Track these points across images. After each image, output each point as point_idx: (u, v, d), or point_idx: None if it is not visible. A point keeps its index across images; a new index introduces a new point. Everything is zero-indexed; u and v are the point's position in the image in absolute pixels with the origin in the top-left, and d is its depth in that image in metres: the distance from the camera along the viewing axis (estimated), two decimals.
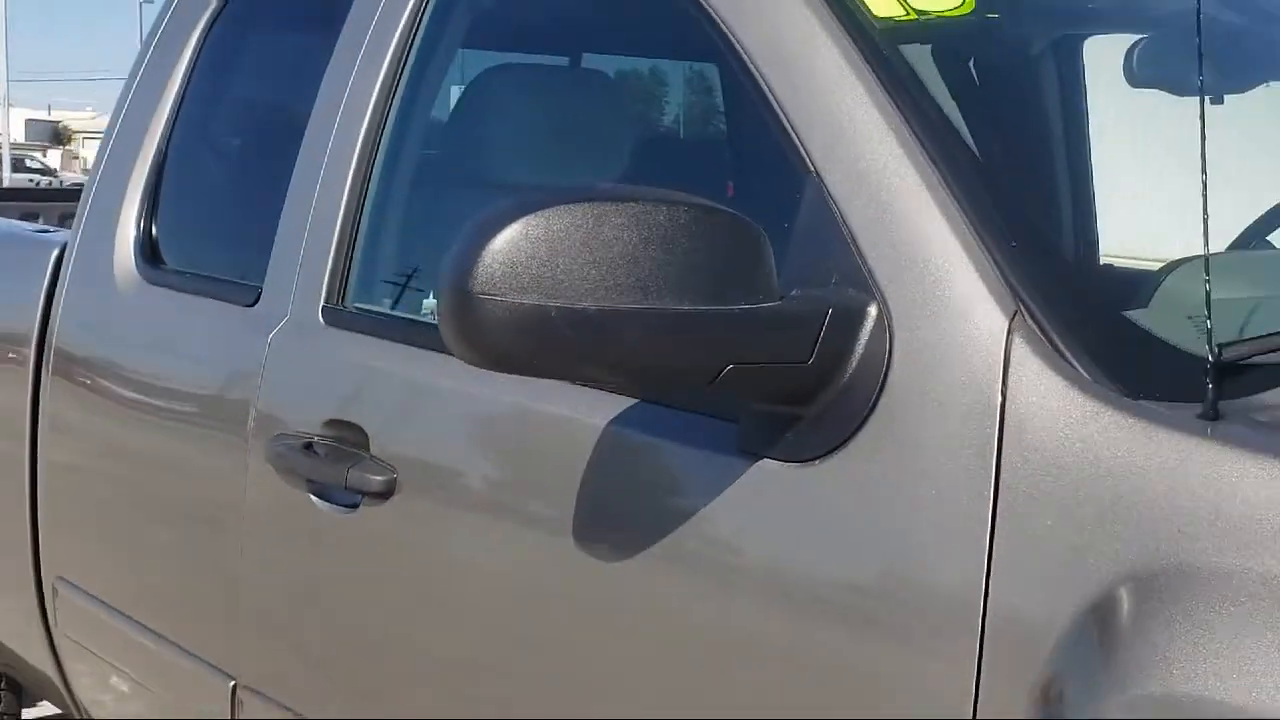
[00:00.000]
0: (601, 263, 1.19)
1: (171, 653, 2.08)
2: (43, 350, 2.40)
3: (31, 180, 26.80)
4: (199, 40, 2.30)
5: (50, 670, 2.51)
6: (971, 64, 1.62)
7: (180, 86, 2.31)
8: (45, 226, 3.03)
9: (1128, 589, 1.06)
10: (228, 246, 2.22)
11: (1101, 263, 1.83)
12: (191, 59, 2.31)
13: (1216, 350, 1.13)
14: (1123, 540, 1.08)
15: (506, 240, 1.19)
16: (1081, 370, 1.17)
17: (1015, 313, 1.20)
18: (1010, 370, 1.18)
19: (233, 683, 1.95)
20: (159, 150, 2.30)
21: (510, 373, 1.28)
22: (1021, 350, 1.18)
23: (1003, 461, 1.16)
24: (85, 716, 2.52)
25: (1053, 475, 1.13)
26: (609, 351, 1.23)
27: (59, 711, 2.84)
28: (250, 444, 1.89)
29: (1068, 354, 1.18)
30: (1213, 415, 1.10)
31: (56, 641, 2.44)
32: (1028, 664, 1.10)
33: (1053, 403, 1.15)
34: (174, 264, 2.26)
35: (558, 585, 1.51)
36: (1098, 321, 1.24)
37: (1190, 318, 1.21)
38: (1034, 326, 1.19)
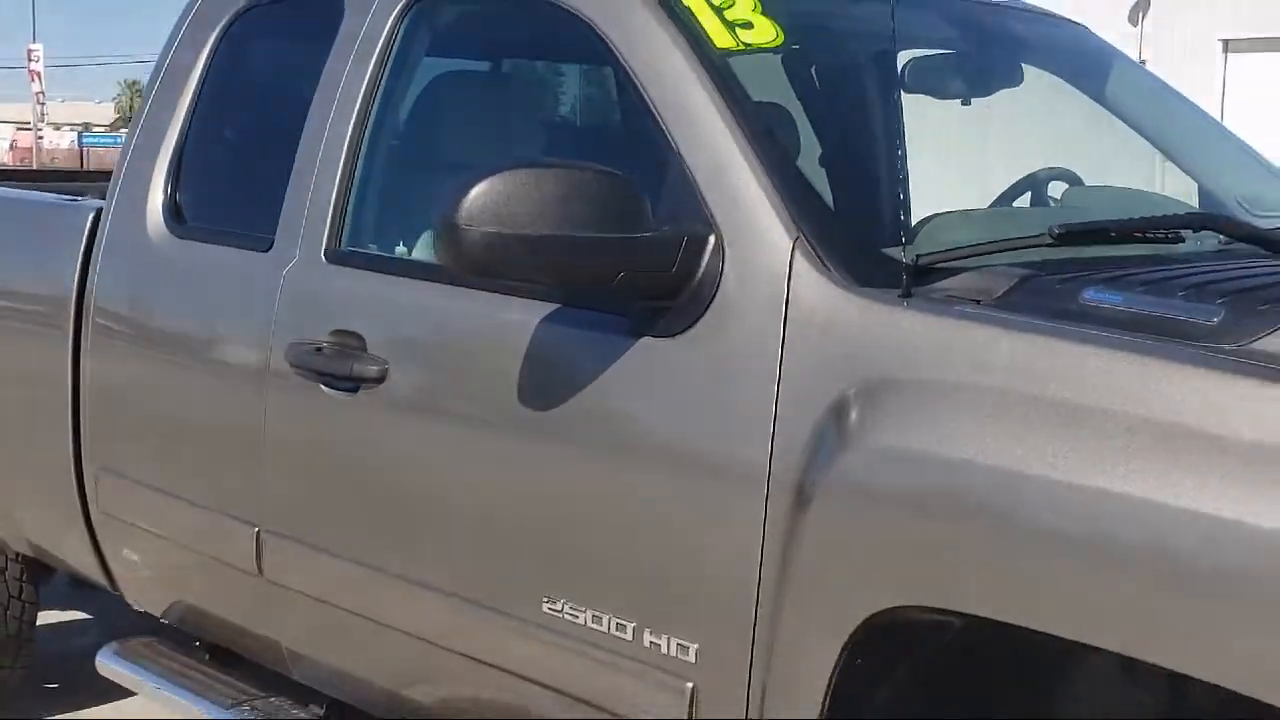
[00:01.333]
0: (540, 206, 1.91)
1: (203, 512, 2.75)
2: (83, 293, 3.04)
3: None
4: (214, 43, 2.96)
5: (86, 547, 3.15)
6: (783, 74, 2.36)
7: (199, 80, 2.96)
8: (75, 196, 3.65)
9: (854, 394, 1.79)
10: (242, 208, 2.88)
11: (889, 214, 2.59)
12: (208, 59, 2.96)
13: (913, 258, 1.88)
14: (852, 367, 1.81)
15: (479, 191, 1.90)
16: (834, 272, 1.90)
17: (796, 238, 1.94)
18: (793, 273, 1.92)
19: (256, 529, 2.63)
20: (182, 131, 2.96)
21: (481, 277, 1.99)
22: (799, 262, 1.92)
23: (786, 327, 1.89)
24: (116, 588, 3.18)
25: (814, 332, 1.86)
26: (545, 263, 1.95)
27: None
28: (272, 351, 2.56)
29: (827, 263, 1.91)
30: (908, 295, 1.85)
31: (95, 521, 3.08)
32: (814, 446, 1.82)
33: (816, 292, 1.89)
34: (195, 223, 2.92)
35: (502, 440, 2.21)
36: (846, 243, 1.98)
37: (906, 243, 1.95)
38: (807, 247, 1.93)
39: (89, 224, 3.09)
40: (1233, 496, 1.48)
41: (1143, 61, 30.96)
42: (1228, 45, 29.07)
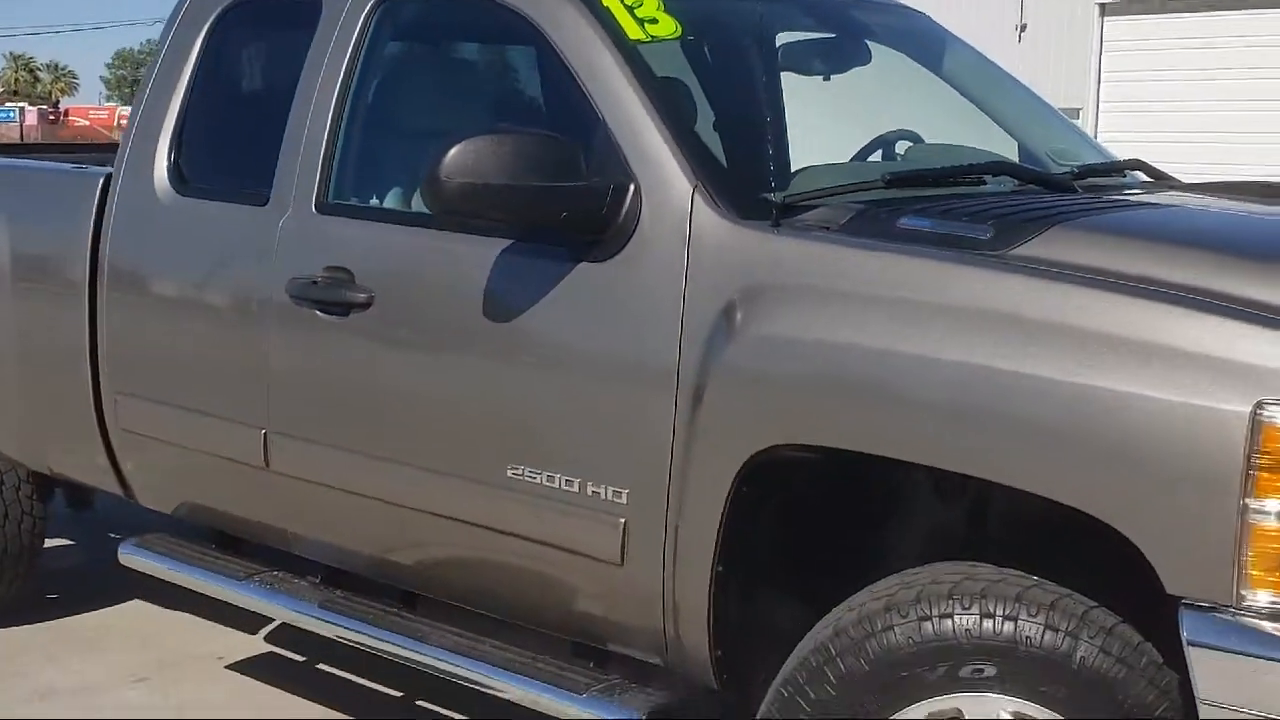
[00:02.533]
0: (501, 162, 2.54)
1: (216, 421, 3.34)
2: (97, 246, 3.60)
3: None
4: (208, 30, 3.53)
5: (103, 461, 3.72)
6: (679, 63, 3.02)
7: (194, 64, 3.54)
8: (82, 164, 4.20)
9: (738, 298, 2.46)
10: (238, 170, 3.46)
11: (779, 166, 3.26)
12: (201, 47, 3.53)
13: (780, 199, 2.56)
14: (737, 279, 2.48)
15: (455, 152, 2.53)
16: (724, 209, 2.56)
17: (695, 185, 2.59)
18: (693, 212, 2.58)
19: (264, 430, 3.24)
20: (182, 108, 3.53)
21: (457, 218, 2.63)
22: (698, 203, 2.57)
23: (689, 253, 2.55)
24: (130, 493, 3.76)
25: (708, 255, 2.52)
26: (505, 207, 2.59)
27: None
28: (273, 286, 3.17)
29: (718, 203, 2.58)
30: (777, 225, 2.52)
31: (113, 437, 3.66)
32: (710, 337, 2.48)
33: (710, 225, 2.55)
34: (197, 184, 3.50)
35: (471, 346, 2.84)
36: (732, 188, 2.64)
37: (776, 188, 2.62)
38: (704, 192, 2.59)
39: (99, 188, 3.65)
40: (999, 352, 2.18)
41: (1023, 27, 31.73)
42: (1104, 9, 30.24)
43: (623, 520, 2.61)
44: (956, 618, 2.21)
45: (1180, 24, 28.51)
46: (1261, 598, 1.98)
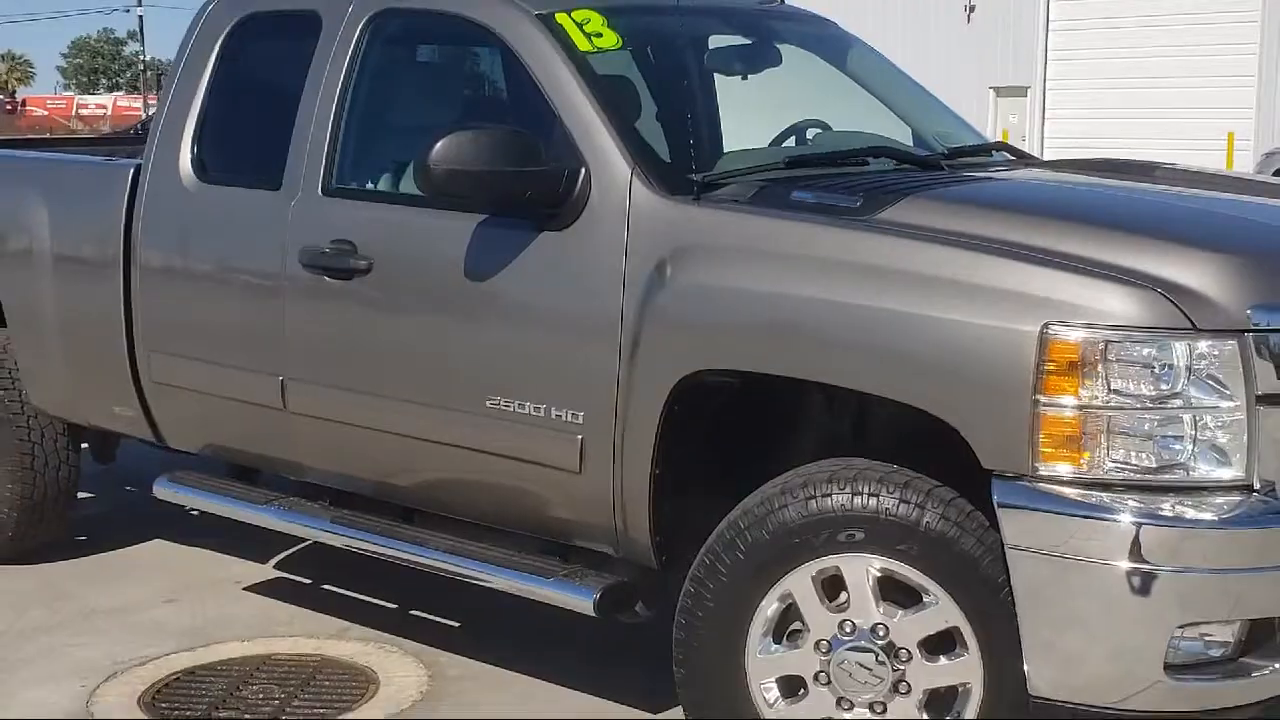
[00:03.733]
0: (478, 152, 3.20)
1: (238, 371, 3.99)
2: (129, 228, 4.23)
3: None
4: (223, 42, 4.16)
5: (137, 411, 4.36)
6: (621, 68, 3.69)
7: (211, 70, 4.17)
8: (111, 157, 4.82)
9: (668, 256, 3.13)
10: (253, 161, 4.09)
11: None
12: (217, 55, 4.17)
13: (700, 178, 3.23)
14: (664, 241, 3.15)
15: (442, 144, 3.20)
16: (656, 187, 3.23)
17: (633, 168, 3.26)
18: (631, 190, 3.25)
19: (281, 377, 3.89)
20: (202, 108, 4.17)
21: (443, 197, 3.29)
22: (635, 183, 3.24)
23: (629, 222, 3.22)
24: (160, 437, 4.40)
25: (644, 223, 3.19)
26: (482, 188, 3.25)
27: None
28: (287, 257, 3.81)
29: (652, 182, 3.24)
30: (697, 199, 3.20)
31: (146, 389, 4.30)
32: (646, 288, 3.15)
33: (645, 200, 3.21)
34: (216, 173, 4.14)
35: (453, 302, 3.50)
36: (663, 171, 3.31)
37: (697, 169, 3.30)
38: (640, 174, 3.26)
39: (130, 177, 4.29)
40: (859, 292, 2.86)
41: (971, 8, 32.41)
42: None
43: (580, 437, 3.28)
44: (834, 496, 2.91)
45: (1125, 3, 29.34)
46: (1049, 469, 2.68)
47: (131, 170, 4.31)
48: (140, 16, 57.68)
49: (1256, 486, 2.67)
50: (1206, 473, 2.67)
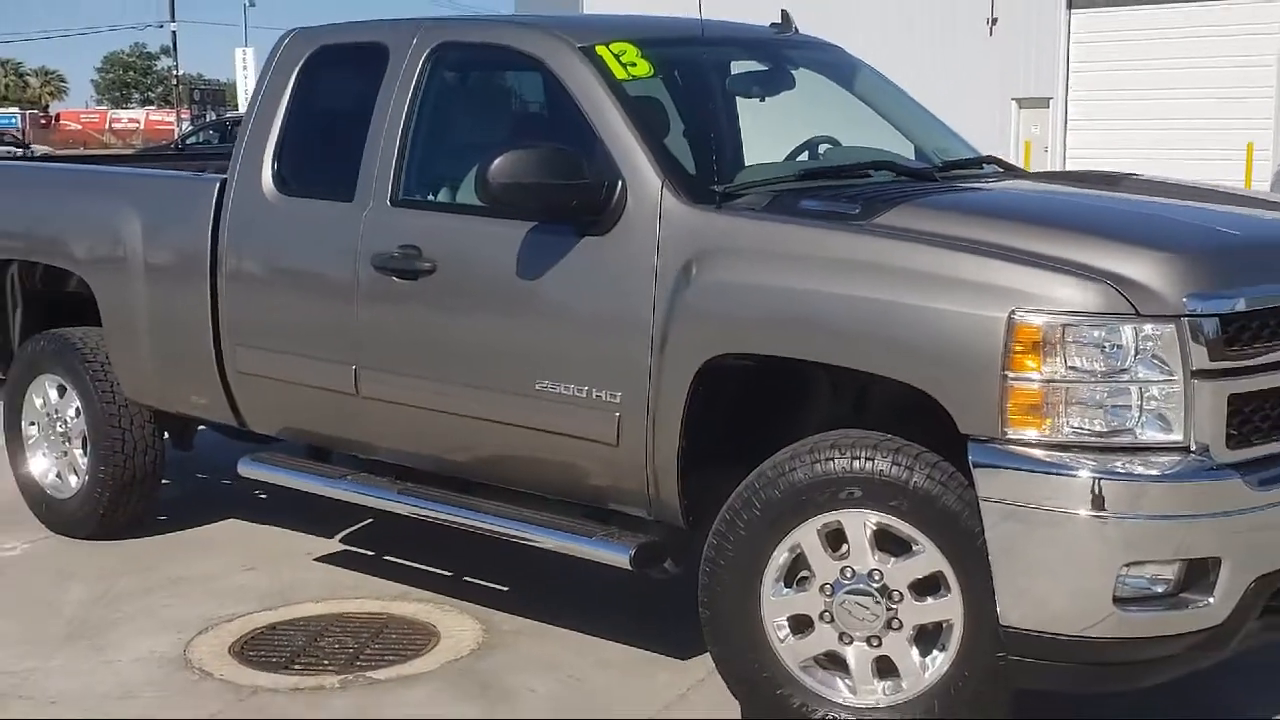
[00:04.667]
0: (530, 167, 3.73)
1: (316, 361, 4.51)
2: (216, 234, 4.77)
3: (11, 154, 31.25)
4: (299, 71, 4.71)
5: (221, 399, 4.90)
6: (653, 93, 4.21)
7: (290, 96, 4.71)
8: (199, 172, 5.38)
9: (694, 258, 3.64)
10: (329, 176, 4.60)
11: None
12: (295, 81, 4.71)
13: (722, 189, 3.75)
14: (691, 244, 3.66)
15: (499, 160, 3.72)
16: (684, 197, 3.74)
17: (664, 181, 3.77)
18: (662, 200, 3.76)
19: (354, 366, 4.42)
20: (282, 127, 4.70)
21: (499, 207, 3.81)
22: (665, 194, 3.75)
23: (660, 228, 3.72)
24: (242, 422, 4.93)
25: (673, 229, 3.70)
26: (534, 199, 3.77)
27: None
28: (359, 260, 4.34)
29: (680, 193, 3.75)
30: (719, 207, 3.71)
31: (230, 379, 4.83)
32: (674, 285, 3.66)
33: (674, 209, 3.72)
34: (295, 186, 4.68)
35: (508, 298, 4.01)
36: (690, 183, 3.82)
37: (719, 181, 3.81)
38: (669, 186, 3.77)
39: (217, 190, 4.83)
40: (859, 285, 3.36)
41: (994, 20, 32.76)
42: (1071, 2, 31.39)
43: (617, 414, 3.79)
44: (837, 460, 3.41)
45: (1144, 15, 29.73)
46: (1017, 433, 3.17)
47: (218, 184, 4.85)
48: (174, 32, 58.38)
49: (1193, 448, 3.15)
50: (1150, 436, 3.15)
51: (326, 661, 4.24)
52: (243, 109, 56.39)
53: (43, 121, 64.73)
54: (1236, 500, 3.17)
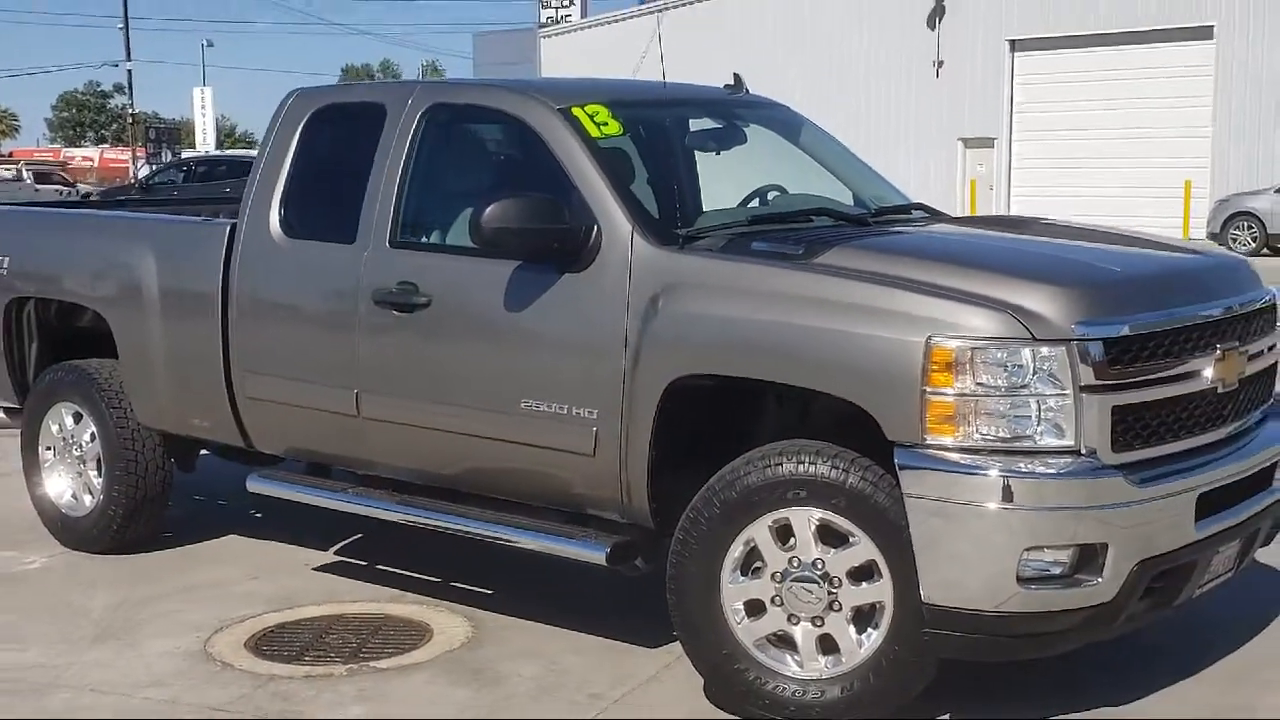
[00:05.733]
0: (518, 213, 4.29)
1: (319, 386, 5.03)
2: (227, 274, 5.30)
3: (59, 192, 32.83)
4: (303, 126, 5.25)
5: (230, 422, 5.41)
6: (622, 148, 4.79)
7: (295, 148, 5.26)
8: (209, 216, 5.91)
9: (660, 292, 4.21)
10: (331, 220, 5.13)
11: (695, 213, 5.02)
12: (300, 135, 5.26)
13: (683, 232, 4.33)
14: (658, 279, 4.23)
15: (491, 208, 4.29)
16: (651, 240, 4.31)
17: (633, 226, 4.35)
18: (632, 242, 4.33)
19: (356, 390, 4.95)
20: (288, 176, 5.25)
21: (492, 251, 4.37)
22: (635, 237, 4.32)
23: (631, 267, 4.29)
24: (250, 443, 5.44)
25: (642, 268, 4.26)
26: (521, 242, 4.34)
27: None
28: (360, 295, 4.88)
29: (647, 236, 4.32)
30: (681, 249, 4.29)
31: (239, 402, 5.35)
32: (644, 315, 4.23)
33: (642, 250, 4.29)
34: (301, 230, 5.21)
35: (495, 328, 4.56)
36: (655, 227, 4.39)
37: (681, 226, 4.39)
38: (638, 230, 4.34)
39: (227, 233, 5.36)
40: (800, 315, 3.94)
41: (940, 62, 33.79)
42: (1014, 45, 32.47)
43: (594, 429, 4.34)
44: (784, 465, 3.98)
45: (1085, 57, 30.80)
46: (935, 439, 3.74)
47: (228, 228, 5.38)
48: (129, 70, 58.67)
49: (1082, 451, 3.74)
50: (1047, 441, 3.74)
51: (333, 654, 4.75)
52: (201, 148, 56.92)
53: None
54: (1120, 495, 3.76)
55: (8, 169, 44.10)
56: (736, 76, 5.50)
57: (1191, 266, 4.49)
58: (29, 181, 39.59)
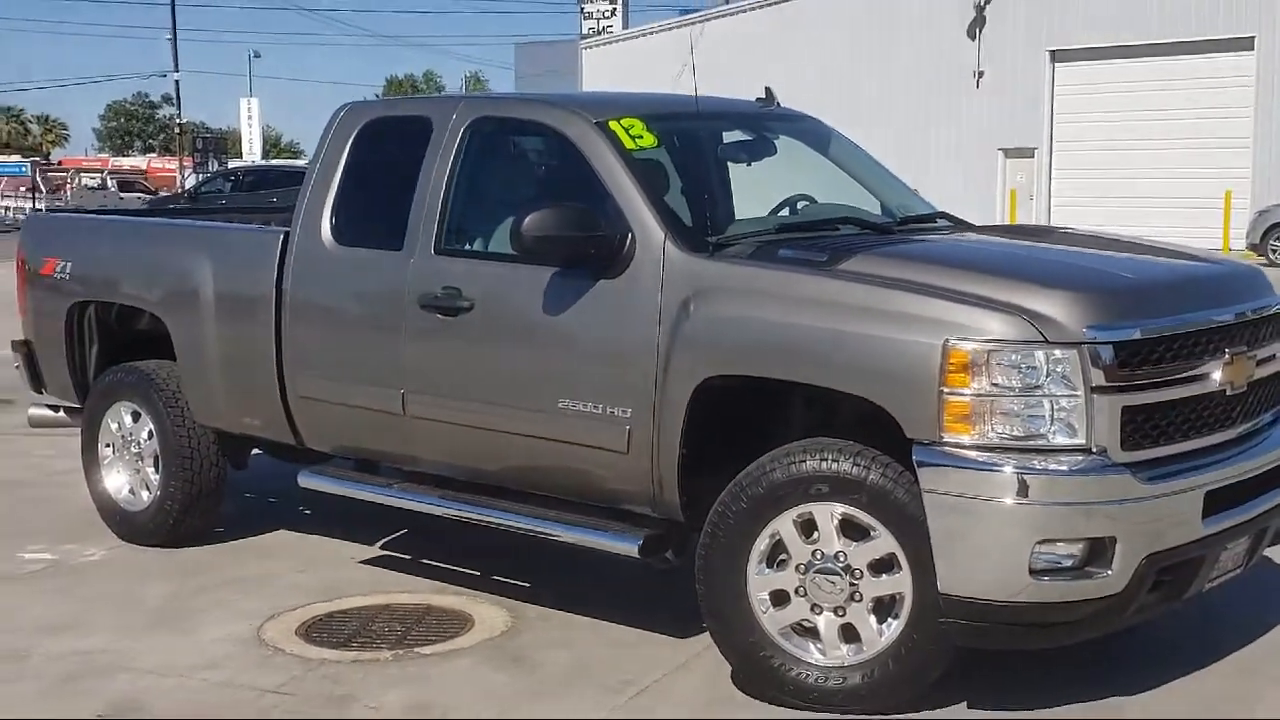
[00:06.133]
0: (557, 222, 4.53)
1: (367, 386, 5.28)
2: (280, 279, 5.56)
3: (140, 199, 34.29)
4: (353, 140, 5.51)
5: (282, 420, 5.66)
6: (656, 160, 5.01)
7: (345, 160, 5.51)
8: (262, 225, 6.18)
9: (691, 296, 4.43)
10: (380, 229, 5.38)
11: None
12: (350, 149, 5.51)
13: (713, 239, 4.55)
14: (689, 284, 4.45)
15: (531, 217, 4.53)
16: (683, 247, 4.53)
17: (665, 234, 4.57)
18: (665, 249, 4.55)
19: (402, 390, 5.19)
20: (339, 187, 5.50)
21: (531, 257, 4.61)
22: (668, 244, 4.54)
23: (664, 272, 4.51)
24: (300, 440, 5.69)
25: (674, 273, 4.48)
26: (559, 249, 4.57)
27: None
28: (407, 301, 5.12)
29: (679, 243, 4.54)
30: (711, 255, 4.50)
31: (290, 402, 5.60)
32: (676, 319, 4.45)
33: (674, 256, 4.51)
34: (351, 238, 5.47)
35: (535, 330, 4.79)
36: (687, 235, 4.61)
37: (711, 234, 4.61)
38: (670, 237, 4.56)
39: (281, 241, 5.62)
40: (825, 318, 4.14)
41: (980, 73, 33.81)
42: (1054, 55, 32.46)
43: (628, 427, 4.56)
44: (808, 462, 4.18)
45: (1125, 68, 30.77)
46: (952, 437, 3.93)
47: (281, 236, 5.65)
48: (177, 82, 59.63)
49: (1093, 449, 3.93)
50: (1059, 440, 3.92)
51: (379, 641, 4.99)
52: (247, 158, 57.70)
53: (44, 169, 65.76)
54: (1128, 491, 3.94)
55: (93, 178, 45.79)
56: (768, 90, 5.71)
57: (1204, 274, 4.66)
58: (113, 189, 41.47)
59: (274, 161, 56.61)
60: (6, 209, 42.48)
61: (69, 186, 41.84)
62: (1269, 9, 29.00)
